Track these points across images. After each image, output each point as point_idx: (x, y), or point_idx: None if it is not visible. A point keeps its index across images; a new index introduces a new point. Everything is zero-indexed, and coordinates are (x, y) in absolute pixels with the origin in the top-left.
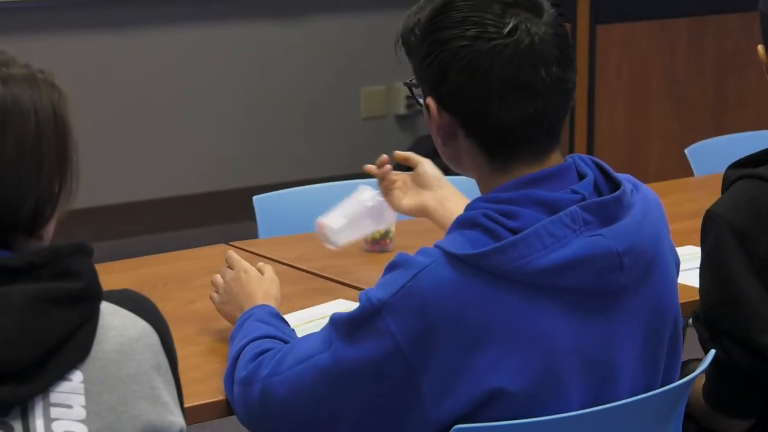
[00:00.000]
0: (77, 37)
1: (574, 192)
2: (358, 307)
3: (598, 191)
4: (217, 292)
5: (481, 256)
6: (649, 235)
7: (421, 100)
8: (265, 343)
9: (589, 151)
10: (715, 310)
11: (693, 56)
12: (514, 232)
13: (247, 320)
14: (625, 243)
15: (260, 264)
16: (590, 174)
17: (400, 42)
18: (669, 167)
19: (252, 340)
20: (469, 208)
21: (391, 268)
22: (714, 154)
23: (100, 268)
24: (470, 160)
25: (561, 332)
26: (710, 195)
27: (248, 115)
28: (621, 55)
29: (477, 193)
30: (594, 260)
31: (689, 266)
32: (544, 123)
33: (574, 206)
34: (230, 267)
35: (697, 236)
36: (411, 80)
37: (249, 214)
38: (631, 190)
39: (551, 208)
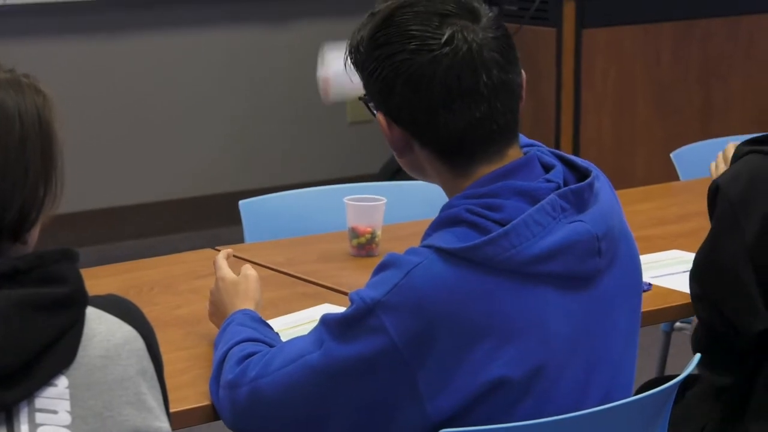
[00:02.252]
0: (65, 41)
1: (548, 181)
2: (350, 307)
3: (565, 182)
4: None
5: (472, 249)
6: (617, 219)
7: (375, 113)
8: (250, 346)
9: (575, 155)
10: (704, 273)
11: (678, 60)
12: (500, 223)
13: (229, 325)
14: (603, 227)
15: (243, 267)
16: (557, 164)
17: (350, 60)
18: (655, 171)
19: (236, 344)
20: (447, 207)
21: (382, 267)
22: (699, 159)
23: (85, 273)
24: (430, 168)
25: (554, 317)
26: (695, 199)
27: (234, 119)
28: (607, 60)
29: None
30: (577, 245)
31: (675, 270)
32: (492, 126)
33: (552, 194)
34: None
35: (683, 240)
36: (365, 95)
37: (235, 218)
38: (595, 176)
39: (532, 197)
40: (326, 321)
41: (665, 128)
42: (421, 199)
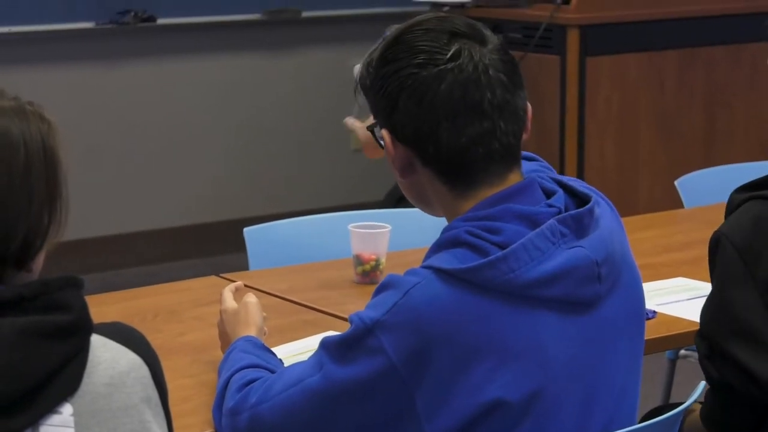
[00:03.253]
0: (67, 69)
1: (550, 206)
2: (350, 329)
3: (565, 206)
4: None
5: (471, 271)
6: (618, 245)
7: (382, 142)
8: (251, 373)
9: None
10: (713, 328)
11: (682, 88)
12: (500, 246)
13: (231, 352)
14: (602, 253)
15: (245, 295)
16: (558, 190)
17: (358, 86)
18: (659, 199)
19: (237, 371)
20: (447, 229)
21: (381, 289)
22: (704, 186)
23: (90, 300)
24: (431, 191)
25: (552, 341)
26: (700, 227)
27: (239, 146)
28: (610, 87)
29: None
30: (576, 270)
31: (679, 298)
32: (494, 144)
33: (552, 219)
34: None
35: (687, 268)
36: (373, 123)
37: (239, 245)
38: (596, 202)
39: (532, 221)
40: (326, 344)
41: (669, 155)
42: (425, 226)
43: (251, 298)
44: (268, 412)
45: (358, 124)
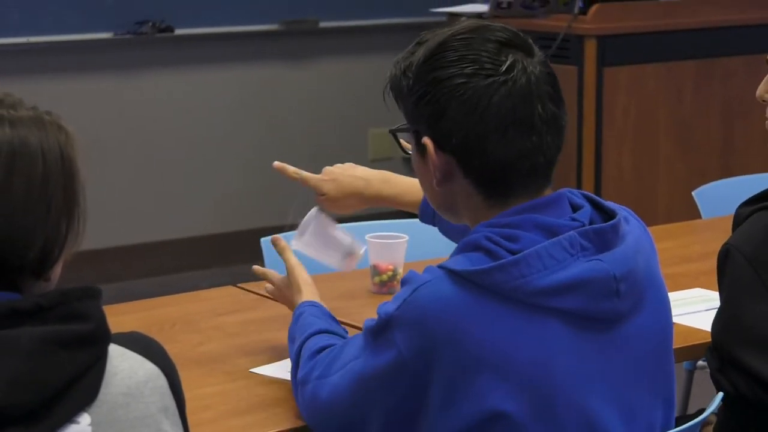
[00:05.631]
0: (85, 79)
1: (574, 219)
2: (377, 318)
3: (591, 222)
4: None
5: (481, 273)
6: (643, 264)
7: (408, 148)
8: (323, 339)
9: (597, 192)
10: (724, 339)
11: (700, 98)
12: (514, 253)
13: (302, 316)
14: (623, 269)
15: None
16: (586, 205)
17: (388, 88)
18: (676, 209)
19: (310, 336)
20: (472, 232)
21: (403, 283)
22: (721, 197)
23: (107, 310)
24: (464, 201)
25: (561, 355)
26: (718, 237)
27: (256, 156)
28: (628, 98)
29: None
30: (592, 283)
31: (697, 309)
32: (539, 158)
33: (572, 231)
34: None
35: (705, 279)
36: (399, 126)
37: (256, 255)
38: (624, 220)
39: (551, 232)
40: (365, 328)
41: (686, 166)
42: (442, 236)
43: (291, 259)
44: (323, 389)
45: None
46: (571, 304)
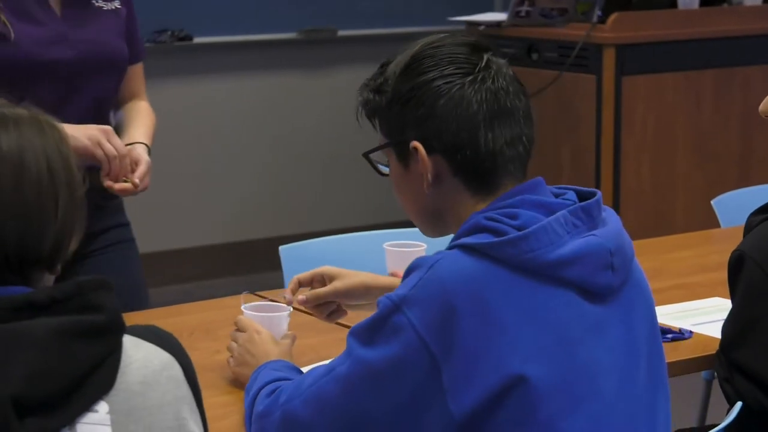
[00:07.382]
0: None
1: (565, 199)
2: (377, 311)
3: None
4: (232, 356)
5: (494, 246)
6: (627, 243)
7: (381, 168)
8: (281, 383)
9: (615, 201)
10: (732, 343)
11: (719, 108)
12: (518, 229)
13: (262, 371)
14: (614, 244)
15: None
16: (567, 190)
17: (361, 111)
18: (695, 218)
19: (266, 383)
20: (467, 221)
21: (409, 272)
22: (740, 206)
23: (126, 317)
24: (452, 202)
25: (574, 322)
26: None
27: (275, 165)
28: (647, 107)
29: None
30: (591, 256)
31: (716, 318)
32: (520, 147)
33: (564, 210)
34: (241, 330)
35: (723, 288)
36: (375, 147)
37: (274, 263)
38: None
39: (549, 209)
40: (353, 331)
41: (705, 175)
42: None
43: (249, 327)
44: (300, 406)
45: None
46: (575, 275)
